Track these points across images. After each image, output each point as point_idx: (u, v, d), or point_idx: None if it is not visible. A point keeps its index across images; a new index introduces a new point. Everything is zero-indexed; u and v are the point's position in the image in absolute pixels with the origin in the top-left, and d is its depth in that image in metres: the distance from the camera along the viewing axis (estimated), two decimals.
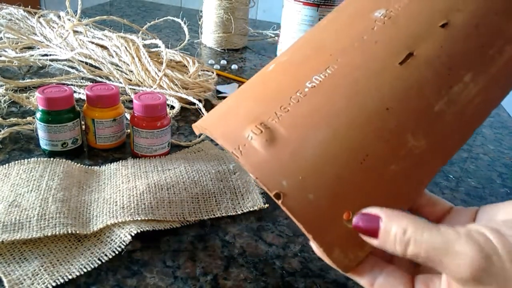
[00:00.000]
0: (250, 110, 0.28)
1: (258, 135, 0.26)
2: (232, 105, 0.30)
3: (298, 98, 0.27)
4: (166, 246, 0.40)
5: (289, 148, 0.25)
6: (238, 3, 0.96)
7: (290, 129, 0.26)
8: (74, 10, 0.86)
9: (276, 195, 0.24)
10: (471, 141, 0.70)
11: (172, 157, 0.51)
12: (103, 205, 0.42)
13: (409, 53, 0.27)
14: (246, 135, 0.26)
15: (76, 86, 0.69)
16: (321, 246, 0.24)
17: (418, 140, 0.26)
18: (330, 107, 0.26)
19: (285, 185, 0.24)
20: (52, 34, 0.80)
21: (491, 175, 0.60)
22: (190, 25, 1.08)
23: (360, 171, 0.25)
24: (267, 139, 0.26)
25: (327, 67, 0.28)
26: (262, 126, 0.26)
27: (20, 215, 0.38)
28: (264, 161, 0.25)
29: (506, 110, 0.86)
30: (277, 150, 0.25)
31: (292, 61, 0.30)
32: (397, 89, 0.27)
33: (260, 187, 0.49)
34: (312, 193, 0.24)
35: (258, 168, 0.25)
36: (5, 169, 0.45)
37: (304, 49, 0.31)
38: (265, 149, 0.25)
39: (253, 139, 0.26)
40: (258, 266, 0.39)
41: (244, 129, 0.26)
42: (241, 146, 0.26)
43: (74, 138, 0.51)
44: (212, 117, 0.30)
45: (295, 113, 0.26)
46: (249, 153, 0.25)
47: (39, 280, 0.34)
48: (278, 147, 0.25)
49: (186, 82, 0.69)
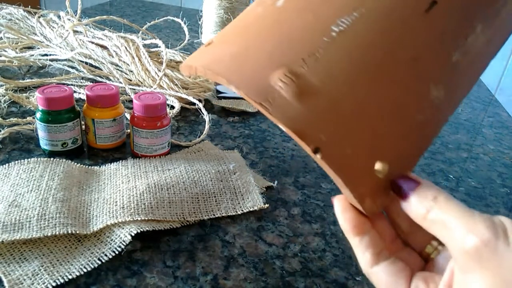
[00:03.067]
0: (272, 53, 0.25)
1: (289, 84, 0.24)
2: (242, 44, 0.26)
3: (327, 44, 0.25)
4: (166, 246, 0.40)
5: (324, 101, 0.24)
6: (238, 3, 0.96)
7: (324, 79, 0.24)
8: (74, 10, 0.86)
9: (315, 149, 0.23)
10: (471, 141, 0.70)
11: (172, 157, 0.51)
12: (103, 205, 0.42)
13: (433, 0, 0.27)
14: (273, 84, 0.24)
15: (76, 86, 0.69)
16: (356, 197, 0.25)
17: (439, 91, 0.27)
18: (363, 56, 0.25)
19: (324, 139, 0.23)
20: (52, 34, 0.80)
21: (491, 175, 0.60)
22: (190, 25, 1.08)
23: (392, 123, 0.25)
24: (300, 89, 0.24)
25: (353, 9, 0.26)
26: (292, 74, 0.24)
27: (20, 215, 0.38)
28: (299, 114, 0.23)
29: (506, 110, 0.86)
30: (312, 103, 0.24)
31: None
32: (424, 38, 0.26)
33: (259, 186, 0.49)
34: (350, 147, 0.24)
35: (293, 121, 0.23)
36: (5, 169, 0.45)
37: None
38: (298, 100, 0.23)
39: (284, 89, 0.24)
40: (258, 266, 0.39)
41: (269, 77, 0.24)
42: (270, 97, 0.23)
43: (74, 138, 0.51)
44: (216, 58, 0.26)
45: (325, 61, 0.25)
46: (282, 105, 0.23)
47: (39, 280, 0.34)
48: (313, 99, 0.24)
49: (186, 82, 0.69)
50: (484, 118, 0.80)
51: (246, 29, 0.27)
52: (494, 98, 0.92)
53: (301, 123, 0.23)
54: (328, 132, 0.24)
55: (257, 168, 0.53)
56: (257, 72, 0.24)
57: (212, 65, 0.25)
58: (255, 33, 0.27)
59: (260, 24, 0.27)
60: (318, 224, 0.45)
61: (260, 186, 0.49)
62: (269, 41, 0.26)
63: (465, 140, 0.70)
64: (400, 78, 0.26)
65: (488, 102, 0.89)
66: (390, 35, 0.26)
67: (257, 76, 0.24)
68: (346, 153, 0.24)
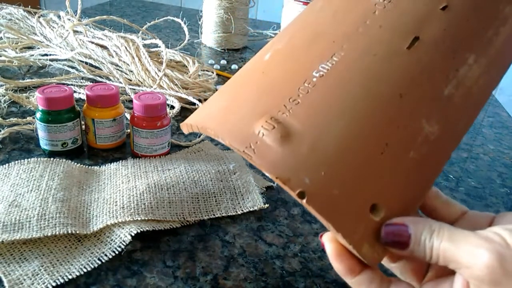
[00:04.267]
0: (255, 104, 0.26)
1: (271, 131, 0.24)
2: (231, 98, 0.27)
3: (307, 89, 0.25)
4: (166, 246, 0.40)
5: (306, 143, 0.24)
6: (238, 3, 0.96)
7: (305, 122, 0.24)
8: (74, 10, 0.86)
9: (300, 193, 0.22)
10: (471, 141, 0.70)
11: (172, 157, 0.51)
12: (103, 205, 0.42)
13: (415, 37, 0.27)
14: (256, 131, 0.24)
15: (76, 86, 0.69)
16: (351, 243, 0.23)
17: (432, 126, 0.26)
18: (345, 97, 0.25)
19: (308, 182, 0.23)
20: (52, 34, 0.80)
21: (491, 175, 0.60)
22: (190, 25, 1.08)
23: (382, 161, 0.24)
24: (281, 134, 0.24)
25: (332, 54, 0.27)
26: (273, 121, 0.24)
27: (20, 215, 0.38)
28: (281, 159, 0.23)
29: (506, 110, 0.86)
30: (294, 146, 0.24)
31: (291, 48, 0.29)
32: (408, 74, 0.26)
33: (259, 186, 0.49)
34: (337, 189, 0.23)
35: (276, 167, 0.23)
36: (5, 169, 0.45)
37: (301, 36, 0.29)
38: (280, 145, 0.23)
39: (265, 135, 0.24)
40: (258, 266, 0.39)
41: (253, 125, 0.24)
42: (252, 144, 0.24)
43: (74, 138, 0.51)
44: (208, 113, 0.27)
45: (306, 105, 0.25)
46: (264, 151, 0.23)
47: (39, 280, 0.34)
48: (295, 142, 0.24)
49: (186, 82, 0.69)
50: (484, 118, 0.80)
51: (235, 84, 0.29)
52: (494, 98, 0.92)
53: (284, 167, 0.23)
54: (312, 174, 0.23)
55: (257, 168, 0.53)
56: (241, 122, 0.25)
57: (202, 121, 0.26)
58: (242, 86, 0.28)
59: (247, 77, 0.29)
60: (318, 224, 0.45)
61: (260, 186, 0.49)
62: (254, 92, 0.27)
63: (465, 140, 0.70)
64: (387, 115, 0.25)
65: (488, 102, 0.89)
66: (371, 74, 0.26)
67: (241, 126, 0.25)
68: (333, 194, 0.23)
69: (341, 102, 0.25)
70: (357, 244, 0.23)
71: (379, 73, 0.26)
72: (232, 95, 0.28)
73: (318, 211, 0.22)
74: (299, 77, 0.26)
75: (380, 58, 0.26)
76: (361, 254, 0.24)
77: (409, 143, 0.25)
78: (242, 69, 0.30)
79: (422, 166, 0.26)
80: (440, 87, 0.26)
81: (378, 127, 0.25)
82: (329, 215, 0.23)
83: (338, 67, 0.26)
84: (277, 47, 0.29)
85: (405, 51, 0.26)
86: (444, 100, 0.26)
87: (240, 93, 0.28)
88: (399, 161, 0.25)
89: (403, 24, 0.27)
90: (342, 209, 0.23)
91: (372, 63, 0.26)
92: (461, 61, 0.27)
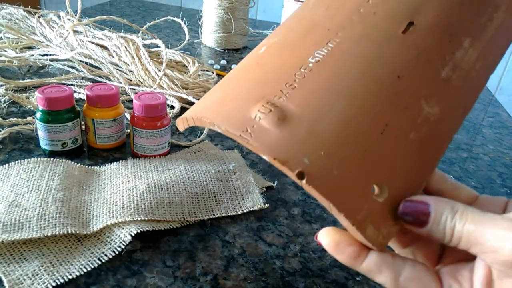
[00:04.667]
0: (251, 91, 0.26)
1: (267, 114, 0.24)
2: (226, 90, 0.27)
3: (304, 74, 0.25)
4: (166, 246, 0.40)
5: (304, 124, 0.23)
6: (238, 3, 0.96)
7: (302, 105, 0.24)
8: (74, 10, 0.86)
9: (299, 174, 0.22)
10: (471, 141, 0.70)
11: (172, 157, 0.51)
12: (103, 205, 0.42)
13: (409, 22, 0.27)
14: (253, 116, 0.24)
15: (76, 86, 0.69)
16: (354, 224, 0.22)
17: (432, 107, 0.26)
18: (342, 79, 0.25)
19: (307, 162, 0.22)
20: (52, 34, 0.80)
21: (491, 175, 0.60)
22: (190, 25, 1.08)
23: (382, 142, 0.24)
24: (278, 117, 0.23)
25: (328, 41, 0.27)
26: (270, 105, 0.24)
27: (20, 215, 0.38)
28: (279, 140, 0.23)
29: (506, 110, 0.86)
30: (292, 128, 0.23)
31: (286, 40, 0.29)
32: (405, 56, 0.26)
33: (259, 186, 0.49)
34: (337, 169, 0.23)
35: (274, 148, 0.22)
36: (5, 169, 0.45)
37: (297, 29, 0.29)
38: (277, 128, 0.23)
39: (262, 119, 0.24)
40: (258, 266, 0.39)
41: (249, 110, 0.24)
42: (249, 128, 0.23)
43: (74, 138, 0.51)
44: (203, 106, 0.27)
45: (303, 89, 0.25)
46: (261, 134, 0.23)
47: (39, 280, 0.34)
48: (292, 124, 0.23)
49: (186, 82, 0.69)
50: (484, 118, 0.80)
51: (229, 78, 0.29)
52: (494, 98, 0.92)
53: (282, 149, 0.23)
54: (311, 154, 0.23)
55: (257, 168, 0.53)
56: (237, 108, 0.25)
57: (197, 113, 0.26)
58: (236, 79, 0.28)
59: (241, 70, 0.29)
60: (318, 224, 0.45)
61: (260, 186, 0.49)
62: (249, 81, 0.27)
63: (465, 140, 0.70)
64: (385, 95, 0.25)
65: (488, 102, 0.89)
66: (367, 57, 0.26)
67: (236, 112, 0.25)
68: (334, 175, 0.23)
69: (338, 84, 0.25)
70: (360, 225, 0.23)
71: (376, 56, 0.26)
72: (227, 87, 0.28)
73: (319, 190, 0.22)
74: (294, 63, 0.26)
75: (376, 42, 0.27)
76: (365, 236, 0.23)
77: (409, 124, 0.25)
78: (237, 66, 0.30)
79: (423, 146, 0.26)
80: (438, 69, 0.27)
81: (377, 108, 0.25)
82: (330, 194, 0.22)
83: (334, 52, 0.26)
84: (272, 41, 0.30)
85: (400, 35, 0.27)
86: (443, 82, 0.27)
87: (234, 84, 0.27)
88: (399, 141, 0.25)
89: (397, 10, 0.28)
90: (344, 189, 0.23)
91: (368, 47, 0.26)
92: (457, 45, 0.28)
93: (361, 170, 0.23)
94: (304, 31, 0.29)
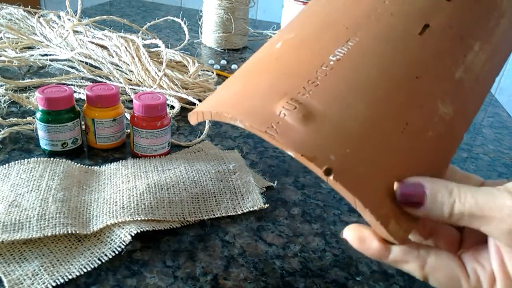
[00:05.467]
0: (273, 87, 0.26)
1: (292, 111, 0.24)
2: (246, 83, 0.27)
3: (326, 72, 0.26)
4: (166, 246, 0.40)
5: (329, 122, 0.24)
6: (238, 3, 0.96)
7: (326, 103, 0.25)
8: (74, 10, 0.86)
9: (327, 170, 0.22)
10: (471, 141, 0.70)
11: (172, 157, 0.51)
12: (103, 205, 0.42)
13: (425, 24, 0.28)
14: (277, 112, 0.24)
15: (76, 86, 0.69)
16: (378, 219, 0.23)
17: (446, 107, 0.27)
18: (363, 78, 0.26)
19: (333, 159, 0.23)
20: (52, 34, 0.80)
21: (491, 175, 0.60)
22: (190, 25, 1.08)
23: (403, 139, 0.25)
24: (303, 114, 0.24)
25: (347, 40, 0.27)
26: (294, 101, 0.24)
27: (20, 215, 0.38)
28: (305, 137, 0.23)
29: (506, 110, 0.86)
30: (317, 125, 0.24)
31: (303, 36, 0.29)
32: (422, 57, 0.27)
33: (259, 186, 0.49)
34: (362, 165, 0.23)
35: (301, 145, 0.23)
36: (5, 169, 0.45)
37: (313, 25, 0.30)
38: (303, 125, 0.23)
39: (287, 115, 0.24)
40: (258, 266, 0.39)
41: (273, 106, 0.24)
42: (274, 125, 0.23)
43: (74, 138, 0.51)
44: (221, 99, 0.27)
45: (326, 86, 0.25)
46: (287, 131, 0.23)
47: (39, 280, 0.34)
48: (317, 121, 0.24)
49: (186, 82, 0.69)
50: (484, 118, 0.80)
51: (246, 71, 0.29)
52: (494, 98, 0.92)
53: (309, 145, 0.23)
54: (337, 151, 0.23)
55: (257, 168, 0.53)
56: (260, 104, 0.25)
57: (216, 107, 0.26)
58: (255, 72, 0.28)
59: (259, 64, 0.29)
60: (318, 224, 0.45)
61: (260, 186, 0.49)
62: (269, 77, 0.27)
63: (465, 140, 0.70)
64: (406, 95, 0.26)
65: (488, 102, 0.89)
66: (387, 57, 0.27)
67: (260, 108, 0.25)
68: (359, 171, 0.23)
69: (360, 83, 0.26)
70: (384, 219, 0.23)
71: (395, 56, 0.27)
72: (246, 81, 0.28)
73: (346, 186, 0.23)
74: (316, 61, 0.27)
75: (394, 42, 0.27)
76: (388, 231, 0.24)
77: (427, 123, 0.26)
78: (251, 59, 0.30)
79: (439, 144, 0.27)
80: (452, 71, 0.28)
81: (398, 107, 0.25)
82: (356, 190, 0.23)
83: (354, 51, 0.27)
84: (288, 37, 0.30)
85: (417, 36, 0.28)
86: (456, 83, 0.28)
87: (254, 78, 0.27)
88: (419, 140, 0.26)
89: (413, 12, 0.29)
90: (368, 185, 0.23)
91: (387, 47, 0.27)
92: (468, 48, 0.28)
93: (385, 167, 0.24)
94: (321, 29, 0.29)
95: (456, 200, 0.23)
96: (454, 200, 0.23)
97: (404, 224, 0.25)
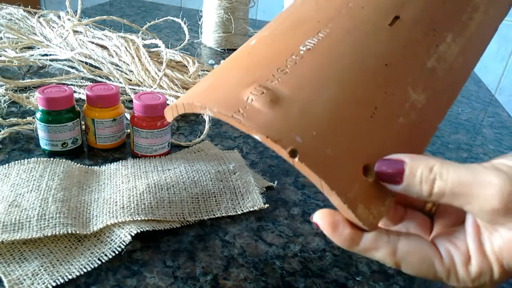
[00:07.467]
0: (243, 76, 0.26)
1: (260, 96, 0.24)
2: (217, 77, 0.28)
3: (295, 61, 0.26)
4: (166, 246, 0.40)
5: (296, 106, 0.24)
6: (238, 3, 0.96)
7: (294, 89, 0.25)
8: (74, 10, 0.86)
9: (292, 151, 0.22)
10: (471, 141, 0.70)
11: (172, 157, 0.51)
12: (103, 205, 0.42)
13: (395, 16, 0.29)
14: (245, 98, 0.24)
15: (76, 86, 0.69)
16: (345, 202, 0.23)
17: (418, 94, 0.27)
18: (332, 66, 0.26)
19: (300, 141, 0.23)
20: (52, 34, 0.80)
21: None
22: (190, 25, 1.08)
23: (372, 124, 0.25)
24: (271, 99, 0.24)
25: (318, 31, 0.28)
26: (262, 87, 0.25)
27: (20, 215, 0.38)
28: (271, 120, 0.23)
29: (506, 110, 0.86)
30: (284, 109, 0.24)
31: (277, 33, 0.30)
32: (392, 47, 0.28)
33: (259, 186, 0.49)
34: (329, 148, 0.23)
35: (266, 127, 0.23)
36: (5, 169, 0.45)
37: (287, 23, 0.30)
38: (270, 108, 0.24)
39: (254, 100, 0.24)
40: (258, 266, 0.39)
41: (241, 93, 0.25)
42: (241, 109, 0.24)
43: (74, 138, 0.51)
44: (192, 92, 0.27)
45: (295, 73, 0.26)
46: (253, 115, 0.23)
47: (39, 280, 0.34)
48: (284, 105, 0.24)
49: (186, 82, 0.69)
50: (484, 118, 0.80)
51: (220, 67, 0.29)
52: (494, 98, 0.92)
53: (275, 128, 0.23)
54: (304, 134, 0.23)
55: (257, 168, 0.53)
56: (228, 92, 0.25)
57: (187, 99, 0.26)
58: (227, 67, 0.29)
59: (232, 60, 0.29)
60: None
61: (260, 186, 0.49)
62: (240, 68, 0.27)
63: (465, 140, 0.70)
64: (374, 81, 0.26)
65: (488, 102, 0.89)
66: (356, 46, 0.28)
67: (228, 94, 0.25)
68: (326, 154, 0.23)
69: (329, 70, 0.26)
70: (352, 203, 0.23)
71: (364, 45, 0.28)
72: (218, 75, 0.28)
73: (311, 168, 0.22)
74: (286, 51, 0.27)
75: (364, 33, 0.28)
76: (356, 215, 0.23)
77: (398, 108, 0.26)
78: (227, 58, 0.31)
79: (411, 131, 0.27)
80: (423, 59, 0.28)
81: (366, 92, 0.26)
82: (322, 172, 0.22)
83: (324, 41, 0.28)
84: (262, 34, 0.31)
85: (387, 27, 0.29)
86: (428, 72, 0.28)
87: (225, 72, 0.28)
88: (389, 125, 0.26)
89: (383, 5, 0.30)
90: (335, 168, 0.23)
91: (357, 37, 0.28)
92: (441, 39, 0.29)
93: (352, 150, 0.24)
94: (294, 24, 0.30)
95: (437, 178, 0.22)
96: (435, 177, 0.22)
97: (374, 210, 0.24)
